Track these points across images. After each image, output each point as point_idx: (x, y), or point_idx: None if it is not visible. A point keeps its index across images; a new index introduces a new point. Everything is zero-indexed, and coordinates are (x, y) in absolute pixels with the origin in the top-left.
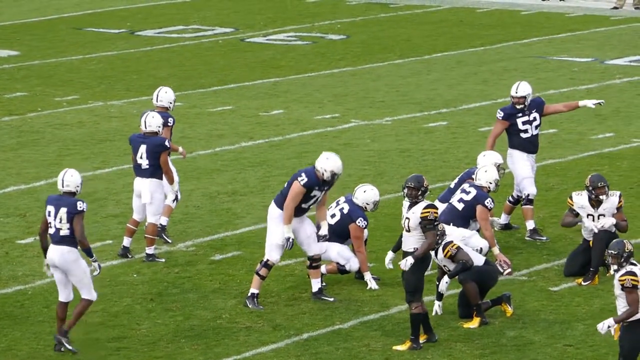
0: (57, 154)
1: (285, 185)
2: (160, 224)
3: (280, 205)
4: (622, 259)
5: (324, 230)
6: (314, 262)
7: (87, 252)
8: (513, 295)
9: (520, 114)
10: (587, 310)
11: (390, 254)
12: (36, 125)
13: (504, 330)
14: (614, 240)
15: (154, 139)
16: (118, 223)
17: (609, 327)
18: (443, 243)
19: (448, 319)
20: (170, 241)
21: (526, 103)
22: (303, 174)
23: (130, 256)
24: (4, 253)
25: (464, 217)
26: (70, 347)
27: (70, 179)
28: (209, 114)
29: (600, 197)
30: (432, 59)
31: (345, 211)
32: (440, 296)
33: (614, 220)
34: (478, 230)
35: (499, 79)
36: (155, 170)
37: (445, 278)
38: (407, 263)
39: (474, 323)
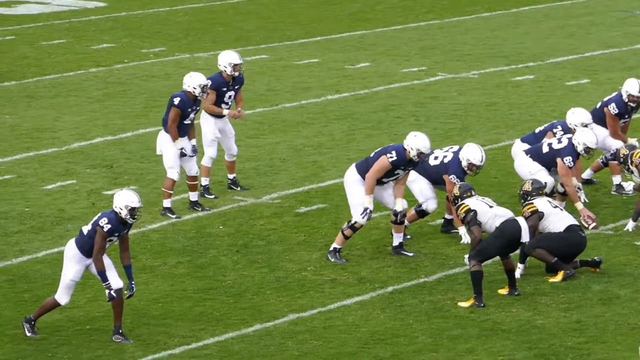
0: (143, 105)
1: (372, 154)
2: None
3: (360, 171)
4: None
5: (400, 207)
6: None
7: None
8: (598, 248)
9: (627, 116)
10: None
11: None
12: (123, 77)
13: (590, 284)
14: None
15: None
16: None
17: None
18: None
19: (534, 273)
20: (212, 196)
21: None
22: (394, 152)
23: (199, 209)
24: (91, 204)
25: (544, 161)
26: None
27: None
28: (295, 66)
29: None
30: (520, 12)
31: (446, 160)
32: (523, 259)
33: None
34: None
35: (586, 33)
36: (165, 124)
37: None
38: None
39: (558, 277)
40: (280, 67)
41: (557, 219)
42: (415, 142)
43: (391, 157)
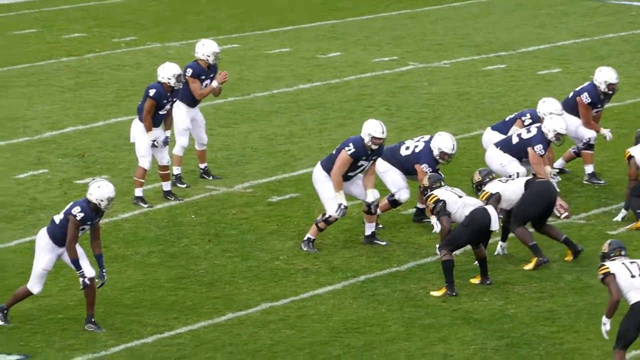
0: (115, 95)
1: (335, 151)
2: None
3: (326, 168)
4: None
5: (371, 197)
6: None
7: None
8: (571, 237)
9: (600, 105)
10: None
11: None
12: (94, 66)
13: (562, 273)
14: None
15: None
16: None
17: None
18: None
19: (505, 262)
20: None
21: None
22: (351, 144)
23: (172, 198)
24: (63, 193)
25: (514, 152)
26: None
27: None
28: (266, 55)
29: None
30: (491, 2)
31: (417, 150)
32: (505, 237)
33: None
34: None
35: (557, 22)
36: (140, 113)
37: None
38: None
39: (531, 265)
40: (251, 57)
41: (514, 187)
42: (367, 127)
43: (349, 150)
